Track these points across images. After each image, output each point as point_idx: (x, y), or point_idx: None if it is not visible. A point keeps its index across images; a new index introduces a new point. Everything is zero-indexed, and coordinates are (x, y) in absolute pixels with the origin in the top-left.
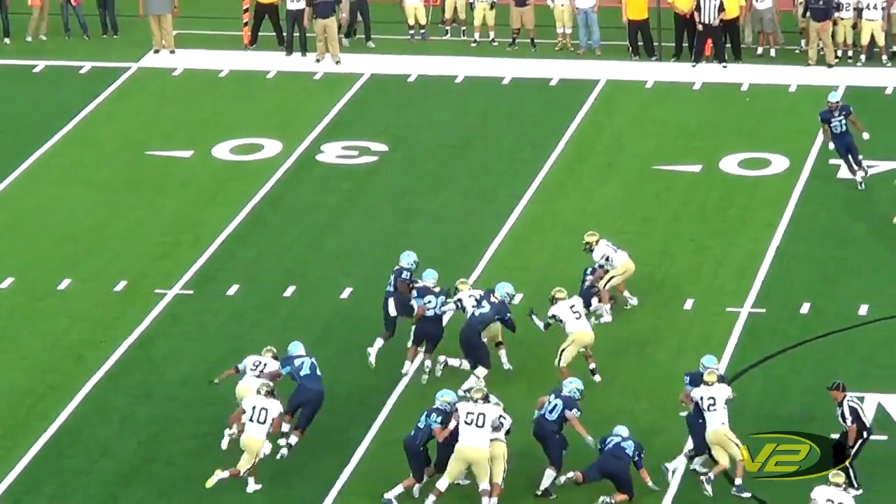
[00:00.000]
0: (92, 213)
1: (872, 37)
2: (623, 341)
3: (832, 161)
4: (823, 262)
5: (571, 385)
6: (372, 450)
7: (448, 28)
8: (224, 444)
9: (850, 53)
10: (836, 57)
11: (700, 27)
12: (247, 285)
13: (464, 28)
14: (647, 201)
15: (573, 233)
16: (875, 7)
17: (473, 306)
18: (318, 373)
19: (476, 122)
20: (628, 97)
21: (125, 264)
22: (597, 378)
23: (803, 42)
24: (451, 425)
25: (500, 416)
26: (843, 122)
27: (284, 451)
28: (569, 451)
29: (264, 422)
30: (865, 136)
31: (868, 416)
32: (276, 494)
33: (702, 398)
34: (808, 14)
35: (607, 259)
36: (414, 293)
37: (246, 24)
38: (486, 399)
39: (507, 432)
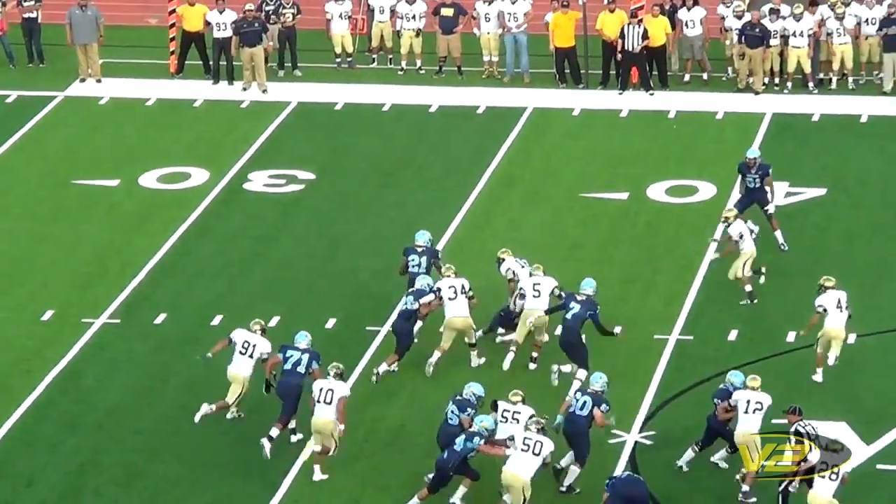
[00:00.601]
0: (18, 243)
1: (799, 64)
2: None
3: None
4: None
5: (600, 381)
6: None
7: (375, 56)
8: (197, 418)
9: (776, 81)
10: (763, 84)
11: (622, 55)
12: (174, 314)
13: (391, 56)
14: (575, 229)
15: None
16: (801, 35)
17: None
18: (302, 370)
19: (403, 150)
20: (556, 125)
21: (52, 293)
22: (532, 366)
23: (730, 69)
24: (498, 450)
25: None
26: (757, 180)
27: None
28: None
29: (331, 402)
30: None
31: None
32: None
33: (748, 402)
34: (742, 41)
35: (514, 273)
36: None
37: (172, 52)
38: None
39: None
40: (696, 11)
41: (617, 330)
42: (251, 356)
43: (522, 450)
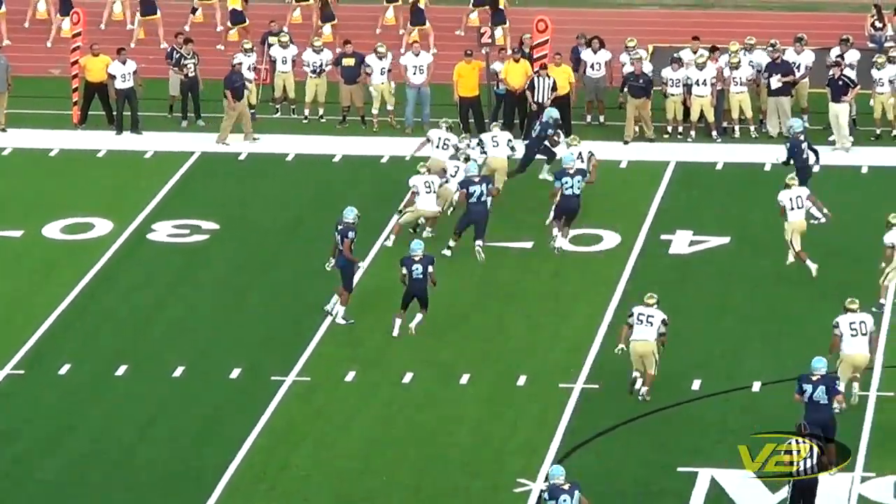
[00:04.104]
0: None
1: (702, 113)
2: (456, 419)
3: (663, 236)
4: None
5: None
6: None
7: (278, 106)
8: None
9: (679, 129)
10: (667, 132)
11: (534, 106)
12: (79, 364)
13: (294, 106)
14: (480, 278)
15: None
16: (704, 83)
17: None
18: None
19: (308, 199)
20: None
21: None
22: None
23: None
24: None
25: (664, 320)
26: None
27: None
28: None
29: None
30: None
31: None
32: None
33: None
34: (625, 90)
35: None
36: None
37: (75, 103)
38: (658, 304)
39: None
40: (601, 54)
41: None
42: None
43: (852, 334)
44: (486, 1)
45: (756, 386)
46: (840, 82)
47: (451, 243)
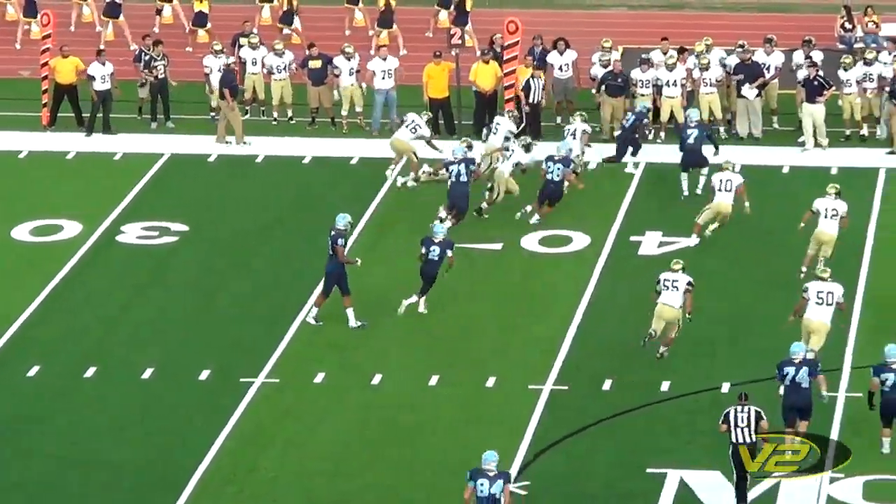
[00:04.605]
0: None
1: (672, 114)
2: (427, 421)
3: (633, 237)
4: (625, 338)
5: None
6: None
7: (248, 108)
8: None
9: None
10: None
11: (527, 108)
12: (47, 366)
13: (263, 108)
14: (451, 279)
15: (380, 311)
16: (674, 84)
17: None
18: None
19: (277, 201)
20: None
21: None
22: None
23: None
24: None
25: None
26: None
27: None
28: None
29: None
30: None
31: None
32: None
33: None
34: (602, 89)
35: None
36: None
37: (45, 105)
38: (683, 269)
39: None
40: (568, 55)
41: None
42: None
43: (818, 302)
44: (450, 2)
45: (725, 387)
46: (816, 83)
47: (442, 214)
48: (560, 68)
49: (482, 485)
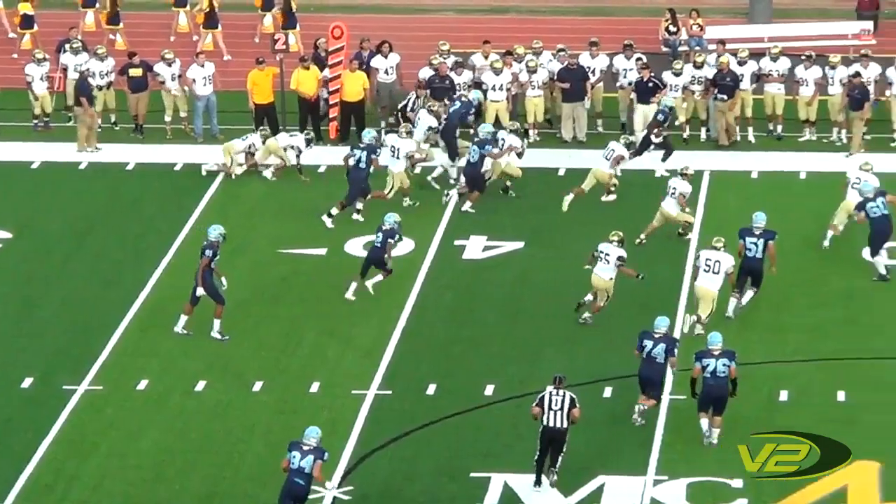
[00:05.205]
0: None
1: (497, 118)
2: (249, 427)
3: (457, 242)
4: (449, 342)
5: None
6: None
7: (71, 115)
8: None
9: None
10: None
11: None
12: None
13: None
14: (274, 284)
15: (203, 319)
16: (500, 88)
17: None
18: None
19: (100, 208)
20: (253, 182)
21: None
22: None
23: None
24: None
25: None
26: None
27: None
28: None
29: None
30: None
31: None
32: None
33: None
34: (430, 94)
35: None
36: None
37: None
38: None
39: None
40: (392, 58)
41: None
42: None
43: (705, 270)
44: (272, 5)
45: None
46: (650, 84)
47: (334, 211)
48: (386, 71)
49: (294, 457)
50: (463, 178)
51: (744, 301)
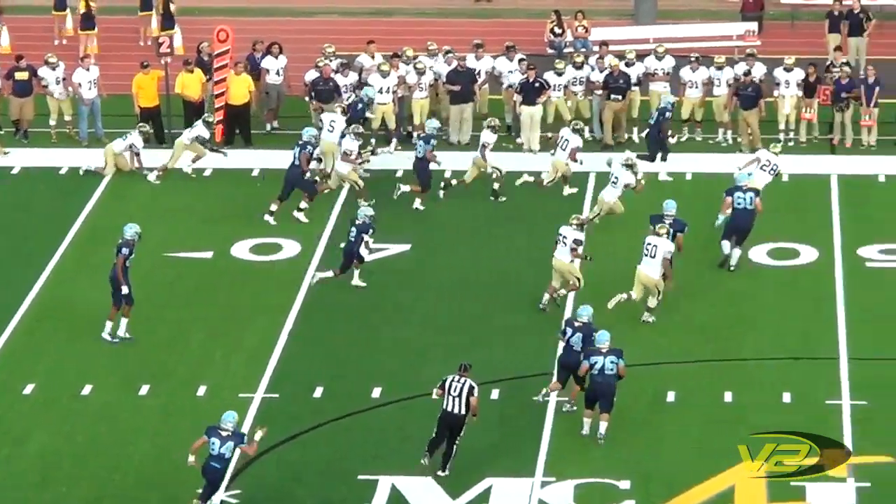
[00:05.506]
0: None
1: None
2: (135, 431)
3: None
4: (335, 345)
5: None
6: None
7: None
8: None
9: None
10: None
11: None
12: None
13: None
14: (160, 288)
15: (89, 322)
16: (387, 91)
17: None
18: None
19: None
20: (140, 185)
21: None
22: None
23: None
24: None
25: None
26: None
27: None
28: None
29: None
30: None
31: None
32: None
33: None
34: (313, 96)
35: None
36: None
37: None
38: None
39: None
40: (281, 60)
41: None
42: None
43: (644, 254)
44: (150, 6)
45: (436, 393)
46: (536, 84)
47: (273, 208)
48: (277, 73)
49: (213, 443)
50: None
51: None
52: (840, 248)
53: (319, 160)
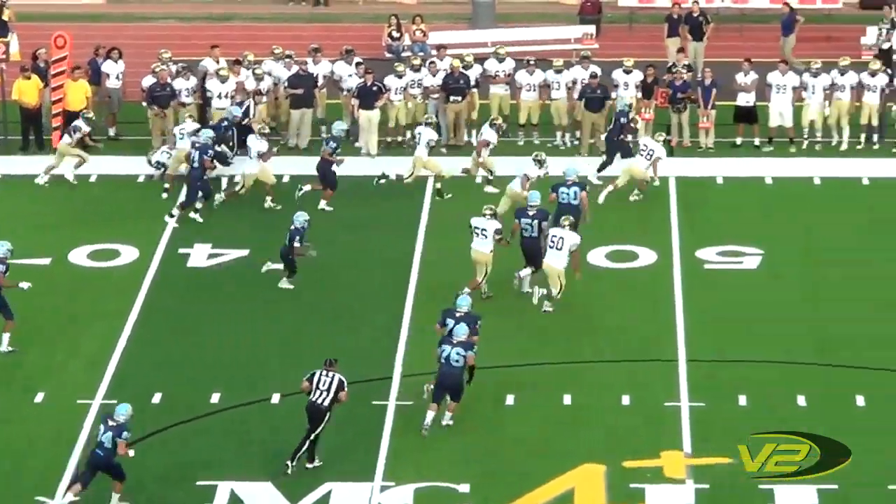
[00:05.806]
0: None
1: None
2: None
3: (182, 250)
4: (174, 351)
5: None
6: None
7: None
8: None
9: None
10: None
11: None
12: None
13: None
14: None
15: None
16: (226, 97)
17: None
18: None
19: None
20: None
21: None
22: None
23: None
24: None
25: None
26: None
27: None
28: None
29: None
30: None
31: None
32: None
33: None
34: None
35: None
36: None
37: None
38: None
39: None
40: (122, 64)
41: None
42: None
43: (550, 246)
44: None
45: (276, 398)
46: (374, 88)
47: (175, 212)
48: (117, 77)
49: (100, 430)
50: None
51: (522, 274)
52: (678, 251)
53: (165, 167)
